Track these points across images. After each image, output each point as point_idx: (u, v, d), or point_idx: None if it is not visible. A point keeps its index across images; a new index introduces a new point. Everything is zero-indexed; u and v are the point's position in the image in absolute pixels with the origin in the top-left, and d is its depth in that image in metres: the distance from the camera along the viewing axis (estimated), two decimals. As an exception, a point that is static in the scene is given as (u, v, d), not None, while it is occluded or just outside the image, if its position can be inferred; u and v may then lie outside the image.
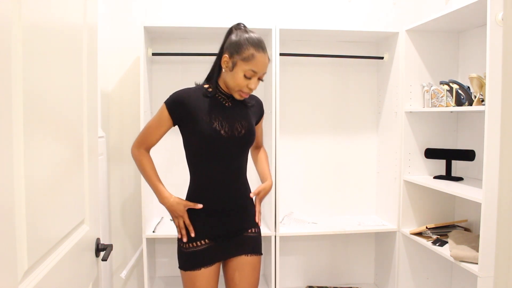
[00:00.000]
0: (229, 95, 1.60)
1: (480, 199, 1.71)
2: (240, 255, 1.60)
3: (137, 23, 2.29)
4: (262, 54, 1.49)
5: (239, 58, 1.48)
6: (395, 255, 2.40)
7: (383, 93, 2.58)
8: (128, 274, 2.50)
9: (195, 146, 1.57)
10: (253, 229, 1.65)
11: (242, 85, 1.51)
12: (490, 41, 1.66)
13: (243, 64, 1.48)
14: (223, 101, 1.59)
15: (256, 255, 1.63)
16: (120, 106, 2.51)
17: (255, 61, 1.47)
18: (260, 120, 1.75)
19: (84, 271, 1.13)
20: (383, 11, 2.65)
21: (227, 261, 1.62)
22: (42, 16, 0.86)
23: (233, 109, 1.60)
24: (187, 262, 1.57)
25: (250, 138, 1.61)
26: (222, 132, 1.53)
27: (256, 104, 1.71)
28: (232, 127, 1.55)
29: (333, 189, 2.69)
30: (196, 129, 1.53)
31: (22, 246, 0.76)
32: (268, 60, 1.53)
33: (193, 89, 1.60)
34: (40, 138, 0.85)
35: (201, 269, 1.54)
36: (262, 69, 1.51)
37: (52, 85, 0.92)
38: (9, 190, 0.71)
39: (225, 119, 1.55)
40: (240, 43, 1.49)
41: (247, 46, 1.48)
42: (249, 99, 1.67)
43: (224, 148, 1.54)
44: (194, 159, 1.59)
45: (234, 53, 1.49)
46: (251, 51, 1.47)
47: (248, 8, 2.56)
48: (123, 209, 2.55)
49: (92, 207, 1.21)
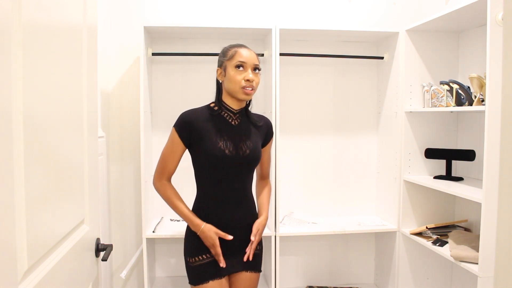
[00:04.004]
0: (236, 111, 1.63)
1: (480, 199, 1.71)
2: (241, 271, 1.65)
3: (137, 23, 2.29)
4: (244, 48, 1.59)
5: (226, 60, 1.58)
6: (395, 255, 2.40)
7: (383, 93, 2.58)
8: (128, 274, 2.50)
9: (200, 164, 1.61)
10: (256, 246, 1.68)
11: (239, 80, 1.54)
12: (490, 41, 1.66)
13: (230, 62, 1.57)
14: (230, 119, 1.62)
15: (254, 272, 1.68)
16: (120, 106, 2.51)
17: (239, 54, 1.56)
18: (268, 143, 1.76)
19: (84, 271, 1.13)
20: (383, 11, 2.65)
21: (229, 276, 1.66)
22: (42, 16, 0.86)
23: (240, 128, 1.63)
24: (195, 275, 1.60)
25: (254, 159, 1.63)
26: (227, 152, 1.56)
27: (265, 124, 1.73)
28: (237, 146, 1.59)
29: (333, 189, 2.69)
30: (202, 148, 1.57)
31: (22, 246, 0.76)
32: (254, 53, 1.60)
33: (199, 109, 1.64)
34: (40, 138, 0.85)
35: (209, 282, 1.57)
36: (249, 59, 1.56)
37: (52, 85, 0.92)
38: (9, 190, 0.71)
39: (230, 138, 1.58)
40: (224, 50, 1.63)
41: (229, 49, 1.61)
42: (257, 118, 1.71)
43: (228, 167, 1.58)
44: (199, 176, 1.63)
45: (222, 60, 1.61)
46: (234, 49, 1.58)
47: (248, 8, 2.56)
48: (123, 209, 2.54)
49: (92, 207, 1.21)
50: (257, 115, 1.75)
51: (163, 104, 2.49)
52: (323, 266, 2.73)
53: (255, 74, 1.58)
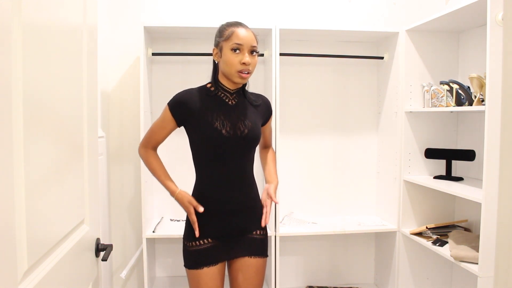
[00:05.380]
0: (233, 91, 1.59)
1: (480, 199, 1.71)
2: (244, 257, 1.60)
3: (137, 23, 2.29)
4: (241, 28, 1.53)
5: (222, 40, 1.53)
6: (395, 255, 2.40)
7: (383, 93, 2.58)
8: (128, 274, 2.50)
9: (198, 145, 1.57)
10: (258, 231, 1.64)
11: (235, 63, 1.50)
12: (490, 41, 1.66)
13: (227, 43, 1.51)
14: (226, 99, 1.58)
15: (260, 257, 1.62)
16: (120, 106, 2.51)
17: (235, 35, 1.51)
18: (268, 121, 1.73)
19: (84, 271, 1.13)
20: (383, 11, 2.65)
21: (231, 262, 1.62)
22: (42, 16, 0.86)
23: (237, 108, 1.58)
24: (191, 260, 1.58)
25: (254, 138, 1.58)
26: (224, 132, 1.52)
27: (263, 103, 1.69)
28: (235, 126, 1.54)
29: (333, 189, 2.69)
30: (198, 129, 1.54)
31: (22, 246, 0.76)
32: (252, 34, 1.54)
33: (196, 89, 1.60)
34: (40, 138, 0.84)
35: (203, 268, 1.55)
36: (246, 40, 1.50)
37: (52, 85, 0.92)
38: (9, 190, 0.71)
39: (227, 118, 1.54)
40: (220, 29, 1.57)
41: (225, 28, 1.55)
42: (255, 97, 1.67)
43: (226, 148, 1.53)
44: (197, 159, 1.60)
45: (218, 40, 1.55)
46: (231, 29, 1.52)
47: (248, 8, 2.56)
48: (123, 209, 2.54)
49: (92, 207, 1.20)
50: (255, 94, 1.69)
51: (163, 104, 2.45)
52: (323, 266, 2.73)
53: (252, 56, 1.52)
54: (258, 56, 1.60)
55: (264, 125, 1.71)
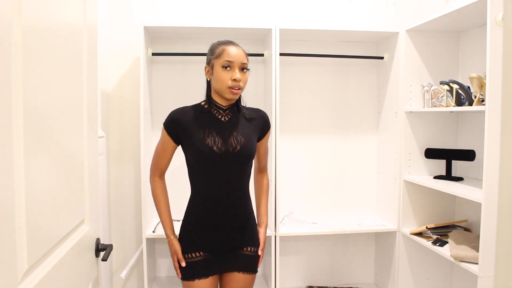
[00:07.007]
0: (225, 107, 1.61)
1: (480, 199, 1.71)
2: (234, 271, 1.63)
3: (137, 23, 2.29)
4: (232, 46, 1.55)
5: (213, 58, 1.55)
6: (395, 255, 2.40)
7: (383, 93, 2.58)
8: (128, 274, 2.50)
9: (191, 162, 1.60)
10: (250, 247, 1.65)
11: (226, 79, 1.52)
12: (490, 41, 1.66)
13: (218, 61, 1.54)
14: (219, 115, 1.61)
15: (248, 274, 1.65)
16: (120, 106, 2.51)
17: (226, 52, 1.53)
18: (264, 136, 1.71)
19: (84, 271, 1.13)
20: (383, 11, 2.65)
21: (222, 276, 1.66)
22: (42, 16, 0.86)
23: (230, 124, 1.59)
24: (184, 271, 1.61)
25: (247, 154, 1.58)
26: (215, 148, 1.53)
27: (259, 117, 1.68)
28: (227, 142, 1.55)
29: (333, 189, 2.69)
30: (191, 146, 1.56)
31: (22, 246, 0.76)
32: (242, 51, 1.56)
33: (190, 107, 1.63)
34: (40, 138, 0.85)
35: (195, 280, 1.58)
36: (236, 58, 1.53)
37: (52, 85, 0.92)
38: (9, 190, 0.71)
39: (219, 134, 1.56)
40: (211, 47, 1.60)
41: (216, 46, 1.57)
42: (251, 112, 1.67)
43: (218, 165, 1.54)
44: (192, 175, 1.62)
45: (210, 58, 1.58)
46: (221, 47, 1.55)
47: (248, 8, 2.56)
48: (123, 209, 2.54)
49: (92, 207, 1.21)
50: (253, 108, 1.70)
51: (163, 104, 2.49)
52: (323, 266, 2.73)
53: (243, 73, 1.54)
54: (258, 56, 1.61)
55: (260, 140, 1.70)
